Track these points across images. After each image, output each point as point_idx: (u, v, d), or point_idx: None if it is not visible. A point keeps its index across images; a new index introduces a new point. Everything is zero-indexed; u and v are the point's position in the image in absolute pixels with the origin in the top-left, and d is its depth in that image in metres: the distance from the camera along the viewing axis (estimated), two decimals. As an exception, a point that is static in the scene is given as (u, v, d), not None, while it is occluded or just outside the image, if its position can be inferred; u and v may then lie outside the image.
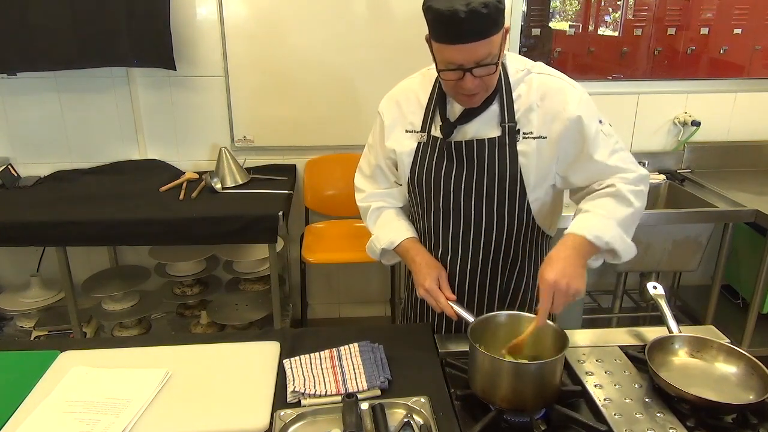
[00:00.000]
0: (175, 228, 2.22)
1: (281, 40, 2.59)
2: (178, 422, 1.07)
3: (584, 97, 1.24)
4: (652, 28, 2.95)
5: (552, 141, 1.24)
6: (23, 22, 2.34)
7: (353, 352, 1.24)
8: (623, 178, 1.24)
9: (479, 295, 1.40)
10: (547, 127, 1.23)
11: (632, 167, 1.27)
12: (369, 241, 1.44)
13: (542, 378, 1.05)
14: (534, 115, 1.24)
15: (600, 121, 1.25)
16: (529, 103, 1.24)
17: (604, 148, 1.24)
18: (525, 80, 1.25)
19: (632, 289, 2.94)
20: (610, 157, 1.25)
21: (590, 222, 1.18)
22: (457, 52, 1.10)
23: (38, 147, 2.72)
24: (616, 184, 1.23)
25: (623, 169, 1.25)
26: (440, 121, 1.28)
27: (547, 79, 1.25)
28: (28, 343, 1.55)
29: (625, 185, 1.22)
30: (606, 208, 1.21)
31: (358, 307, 3.12)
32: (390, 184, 1.46)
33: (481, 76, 1.13)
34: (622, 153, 1.27)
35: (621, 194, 1.21)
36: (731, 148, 2.86)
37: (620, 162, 1.26)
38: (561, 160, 1.26)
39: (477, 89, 1.16)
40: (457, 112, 1.27)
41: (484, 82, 1.16)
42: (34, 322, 2.70)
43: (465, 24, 1.06)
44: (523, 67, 1.26)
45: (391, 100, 1.38)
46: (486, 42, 1.09)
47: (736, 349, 1.15)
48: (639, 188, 1.24)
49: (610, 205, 1.21)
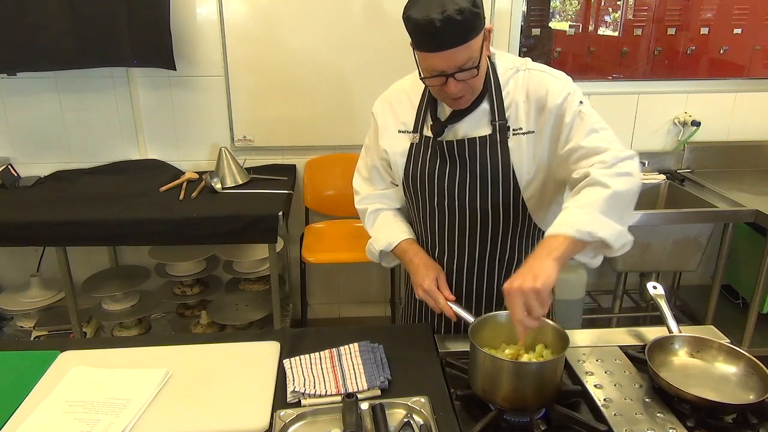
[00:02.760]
0: (175, 228, 2.22)
1: (281, 40, 2.59)
2: (178, 422, 1.07)
3: (565, 82, 1.22)
4: (652, 28, 2.95)
5: (539, 135, 1.24)
6: (23, 22, 2.34)
7: (353, 352, 1.24)
8: (600, 162, 1.13)
9: (477, 293, 1.40)
10: (534, 122, 1.24)
11: (611, 146, 1.16)
12: (368, 243, 1.44)
13: (542, 378, 1.05)
14: (522, 111, 1.24)
15: (581, 102, 1.21)
16: (517, 100, 1.25)
17: (580, 132, 1.18)
18: (513, 78, 1.26)
19: (632, 289, 2.94)
20: (585, 138, 1.17)
21: (568, 217, 1.09)
22: (438, 60, 1.12)
23: (38, 147, 2.72)
24: (590, 172, 1.12)
25: (600, 149, 1.15)
26: (431, 121, 1.30)
27: (531, 74, 1.26)
28: (28, 343, 1.55)
29: (599, 170, 1.12)
30: (583, 199, 1.10)
31: (358, 307, 3.12)
32: (387, 185, 1.46)
33: (464, 80, 1.15)
34: (601, 133, 1.19)
35: (595, 180, 1.10)
36: (731, 148, 2.86)
37: (599, 142, 1.17)
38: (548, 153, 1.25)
39: (462, 92, 1.18)
40: (447, 112, 1.29)
41: (469, 85, 1.17)
42: (34, 322, 2.70)
43: (442, 31, 1.07)
44: (512, 66, 1.27)
45: (384, 101, 1.39)
46: (465, 47, 1.10)
47: (736, 349, 1.15)
48: (617, 169, 1.12)
49: (587, 195, 1.10)
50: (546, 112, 1.22)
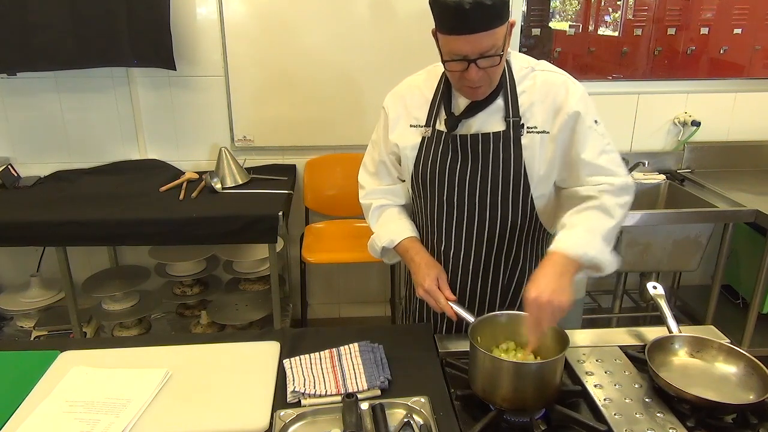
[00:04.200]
0: (175, 228, 2.22)
1: (281, 39, 2.59)
2: (178, 422, 1.07)
3: (585, 94, 1.26)
4: (652, 28, 2.95)
5: (553, 136, 1.25)
6: (23, 22, 2.34)
7: (353, 352, 1.24)
8: (609, 185, 1.23)
9: (481, 290, 1.40)
10: (550, 122, 1.25)
11: (620, 171, 1.26)
12: (370, 239, 1.45)
13: (542, 378, 1.05)
14: (537, 110, 1.26)
15: (596, 121, 1.26)
16: (533, 99, 1.26)
17: (594, 147, 1.24)
18: (529, 77, 1.28)
19: (632, 289, 2.94)
20: (598, 157, 1.24)
21: (574, 239, 1.16)
22: (462, 43, 1.12)
23: (38, 147, 2.72)
24: (600, 196, 1.22)
25: (610, 171, 1.24)
26: (445, 115, 1.30)
27: (550, 75, 1.28)
28: (28, 343, 1.55)
29: (609, 197, 1.21)
30: (590, 223, 1.19)
31: (358, 307, 3.12)
32: (393, 180, 1.46)
33: (485, 68, 1.15)
34: (612, 155, 1.26)
35: (605, 207, 1.20)
36: (731, 148, 2.86)
37: (609, 164, 1.25)
38: (559, 156, 1.27)
39: (481, 82, 1.18)
40: (461, 107, 1.29)
41: (489, 75, 1.18)
42: (34, 322, 2.70)
43: (470, 15, 1.08)
44: (527, 65, 1.29)
45: (396, 95, 1.40)
46: (490, 33, 1.11)
47: (736, 349, 1.16)
48: (623, 199, 1.24)
49: (594, 220, 1.20)
50: (563, 114, 1.23)
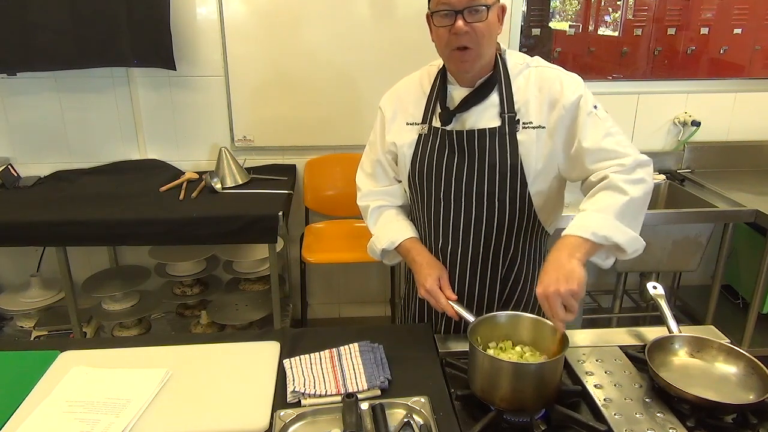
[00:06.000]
0: (175, 228, 2.22)
1: (281, 39, 2.59)
2: (178, 422, 1.07)
3: (579, 82, 1.26)
4: (652, 28, 2.95)
5: (550, 130, 1.25)
6: (23, 22, 2.34)
7: (353, 352, 1.24)
8: (619, 165, 1.20)
9: (480, 288, 1.40)
10: (546, 117, 1.25)
11: (628, 151, 1.22)
12: (369, 241, 1.45)
13: (542, 378, 1.05)
14: (533, 106, 1.26)
15: (595, 107, 1.24)
16: (528, 95, 1.26)
17: (596, 133, 1.22)
18: (524, 73, 1.28)
19: (632, 289, 2.94)
20: (602, 140, 1.21)
21: (585, 220, 1.14)
22: None
23: (38, 147, 2.72)
24: (609, 175, 1.18)
25: (619, 153, 1.21)
26: (441, 110, 1.30)
27: (544, 70, 1.29)
28: (28, 343, 1.55)
29: (618, 175, 1.18)
30: (600, 203, 1.16)
31: (358, 307, 3.12)
32: (390, 180, 1.46)
33: (471, 23, 1.17)
34: (617, 137, 1.24)
35: (614, 185, 1.17)
36: (731, 148, 2.86)
37: (615, 146, 1.22)
38: (559, 150, 1.26)
39: (469, 42, 1.19)
40: (456, 101, 1.29)
41: (476, 35, 1.18)
42: (34, 322, 2.70)
43: None
44: (522, 61, 1.30)
45: (392, 95, 1.41)
46: None
47: (736, 349, 1.15)
48: (634, 176, 1.19)
49: (605, 199, 1.17)
50: (559, 108, 1.23)
